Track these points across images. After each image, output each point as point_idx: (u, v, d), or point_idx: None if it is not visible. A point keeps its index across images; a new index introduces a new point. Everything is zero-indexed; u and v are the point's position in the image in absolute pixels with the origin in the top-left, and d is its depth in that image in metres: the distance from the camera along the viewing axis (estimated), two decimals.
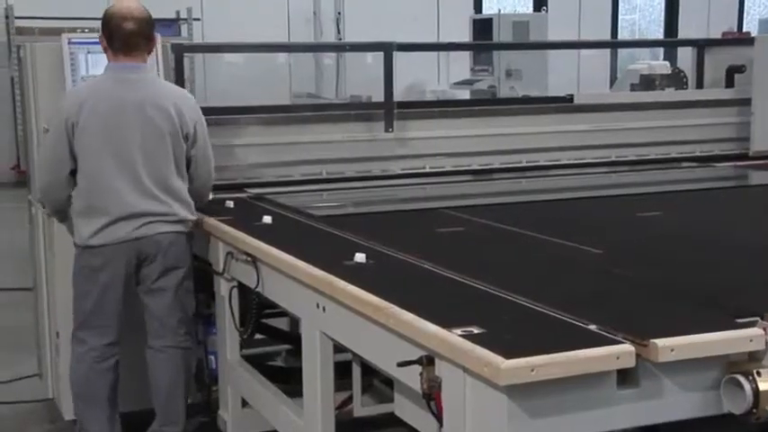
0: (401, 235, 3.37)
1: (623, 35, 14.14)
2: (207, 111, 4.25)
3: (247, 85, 8.73)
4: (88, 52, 3.85)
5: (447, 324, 2.12)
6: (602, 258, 2.93)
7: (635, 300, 2.40)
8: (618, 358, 1.95)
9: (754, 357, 2.04)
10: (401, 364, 2.18)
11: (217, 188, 4.37)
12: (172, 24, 8.97)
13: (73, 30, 4.52)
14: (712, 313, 2.22)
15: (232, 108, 4.79)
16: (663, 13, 14.52)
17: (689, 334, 2.02)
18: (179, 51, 4.43)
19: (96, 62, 3.80)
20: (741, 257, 2.95)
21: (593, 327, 2.11)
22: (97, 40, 3.60)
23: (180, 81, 4.39)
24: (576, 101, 5.27)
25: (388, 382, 2.92)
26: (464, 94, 9.68)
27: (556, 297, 2.36)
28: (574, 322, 2.16)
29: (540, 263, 2.94)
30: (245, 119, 4.65)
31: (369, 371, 3.58)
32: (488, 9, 12.33)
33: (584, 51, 11.67)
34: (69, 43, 3.84)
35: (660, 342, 1.97)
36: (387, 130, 4.73)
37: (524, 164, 5.01)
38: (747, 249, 3.05)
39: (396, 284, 2.56)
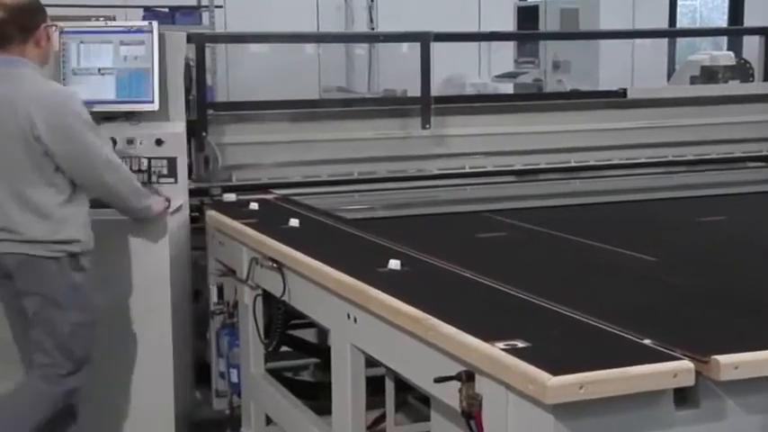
0: (438, 240, 3.38)
1: (683, 23, 14.01)
2: (229, 106, 4.31)
3: (273, 77, 8.75)
4: (81, 42, 3.82)
5: (488, 337, 2.12)
6: (657, 266, 2.92)
7: (694, 312, 2.38)
8: (675, 376, 1.93)
9: None
10: (438, 380, 2.18)
11: (240, 189, 4.47)
12: (192, 12, 9.03)
13: (86, 18, 4.57)
14: None
15: (256, 103, 4.83)
16: None
17: (754, 350, 2.00)
18: (200, 41, 4.48)
19: (90, 53, 3.77)
20: None
21: (647, 341, 2.10)
22: (93, 29, 3.54)
23: (201, 73, 4.46)
24: (630, 95, 5.24)
25: (424, 399, 2.94)
26: (507, 88, 9.64)
27: (607, 308, 2.35)
28: (626, 336, 2.15)
29: (590, 271, 2.93)
30: (270, 114, 4.69)
31: (403, 387, 3.59)
32: None
33: (638, 41, 11.58)
34: (62, 33, 3.76)
35: (722, 359, 1.95)
36: (423, 127, 4.74)
37: (573, 164, 5.00)
38: None
39: (433, 294, 2.56)
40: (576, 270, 2.96)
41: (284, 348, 3.82)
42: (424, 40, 4.69)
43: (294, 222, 3.59)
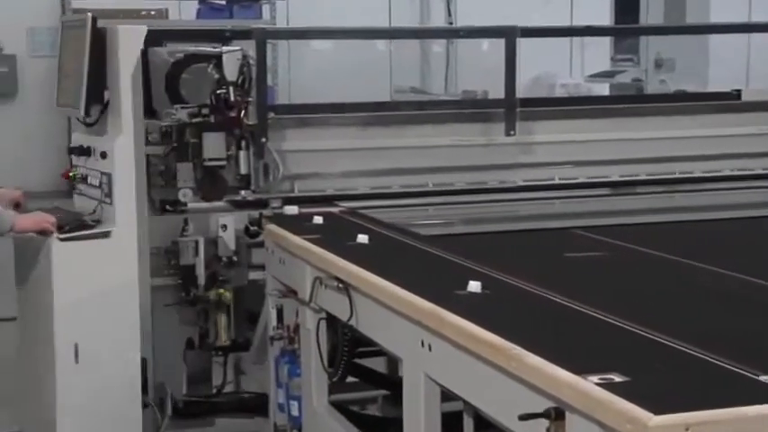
0: (523, 260, 3.38)
1: None
2: (291, 108, 4.35)
3: (339, 78, 8.79)
4: None
5: (581, 369, 2.11)
6: None
7: None
8: None
9: None
10: (524, 417, 2.17)
11: (302, 201, 4.53)
12: (252, 5, 9.12)
13: (138, 12, 4.69)
14: None
15: (321, 105, 4.88)
16: None
17: None
18: (260, 37, 4.55)
19: None
20: None
21: (764, 377, 2.07)
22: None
23: (262, 72, 4.52)
24: (745, 97, 5.17)
25: None
26: (602, 89, 9.56)
27: (715, 338, 2.33)
28: (739, 371, 2.12)
29: (697, 297, 2.89)
30: (335, 119, 4.73)
31: (483, 424, 3.56)
32: None
33: (755, 36, 11.34)
34: None
35: None
36: (507, 133, 4.74)
37: (677, 175, 4.95)
38: None
39: (518, 320, 2.56)
40: (679, 294, 2.92)
41: (350, 379, 3.79)
42: (509, 35, 4.69)
43: (362, 238, 3.61)
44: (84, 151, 4.52)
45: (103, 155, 4.34)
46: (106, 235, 4.11)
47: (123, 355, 4.11)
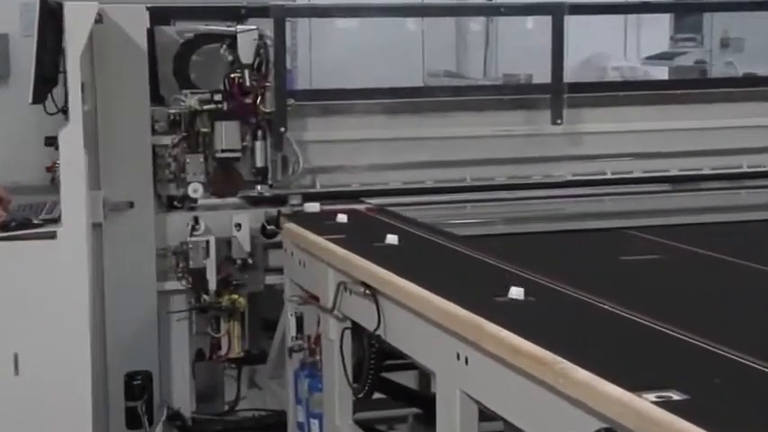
0: (572, 264, 3.37)
1: None
2: (312, 94, 4.35)
3: (366, 60, 8.75)
4: None
5: (636, 386, 2.09)
6: None
7: None
8: None
9: None
10: None
11: (325, 197, 4.54)
12: None
13: None
14: None
15: (345, 91, 4.88)
16: None
17: None
18: (279, 15, 4.56)
19: None
20: None
21: None
22: None
23: (280, 54, 4.54)
24: None
25: None
26: (661, 73, 9.48)
27: None
28: None
29: (765, 305, 2.87)
30: (362, 106, 4.73)
31: None
32: None
33: None
34: None
35: None
36: (554, 122, 4.73)
37: (744, 169, 4.93)
38: None
39: (565, 331, 2.55)
40: (745, 303, 2.89)
41: (377, 395, 3.76)
42: (557, 12, 4.67)
43: (392, 239, 3.59)
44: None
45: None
46: (51, 236, 4.06)
47: (70, 370, 4.01)
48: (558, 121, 4.73)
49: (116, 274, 4.56)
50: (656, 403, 2.02)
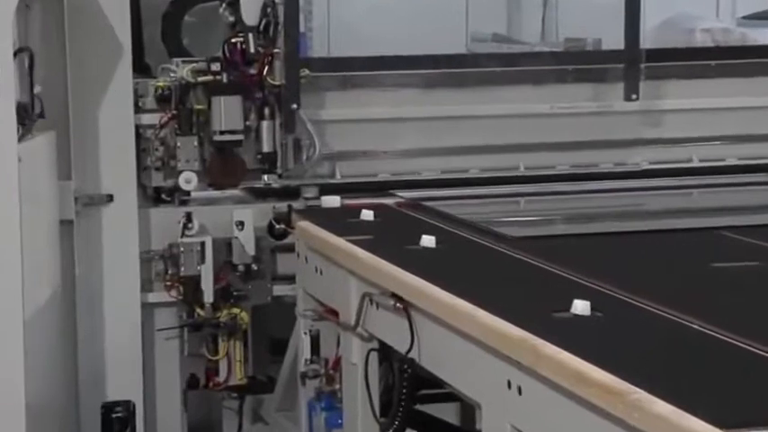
0: (650, 272, 3.33)
1: None
2: (331, 63, 4.30)
3: (397, 22, 8.74)
4: None
5: (727, 423, 2.04)
6: None
7: None
8: None
9: None
10: None
11: (347, 190, 4.52)
12: None
13: None
14: None
15: (371, 59, 4.89)
16: None
17: None
18: None
19: None
20: None
21: None
22: None
23: (292, 13, 4.53)
24: None
25: None
26: (762, 36, 9.40)
27: None
28: None
29: None
30: (392, 77, 4.74)
31: None
32: None
33: None
34: None
35: None
36: (627, 98, 4.73)
37: None
38: None
39: (641, 354, 2.51)
40: None
41: (410, 430, 3.69)
42: None
43: (428, 241, 3.57)
44: None
45: None
46: None
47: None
48: (634, 97, 4.71)
49: (90, 283, 4.55)
50: None
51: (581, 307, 2.74)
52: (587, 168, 4.76)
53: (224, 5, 4.66)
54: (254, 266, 4.62)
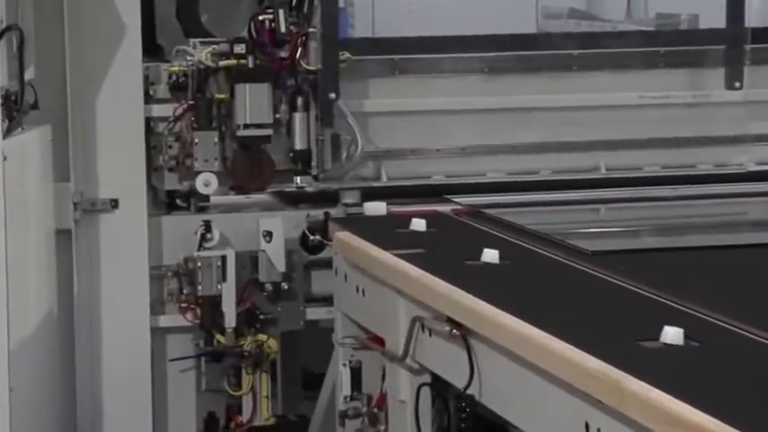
0: (756, 294, 3.30)
1: None
2: (376, 45, 4.28)
3: None
4: None
5: None
6: None
7: None
8: None
9: None
10: None
11: (395, 195, 4.51)
12: None
13: None
14: None
15: (423, 40, 4.89)
16: None
17: None
18: None
19: None
20: None
21: None
22: None
23: None
24: None
25: None
26: None
27: None
28: None
29: None
30: (448, 62, 4.76)
31: None
32: None
33: None
34: None
35: None
36: (730, 86, 4.73)
37: None
38: None
39: (744, 391, 2.48)
40: None
41: None
42: None
43: (491, 256, 3.56)
44: None
45: None
46: None
47: None
48: (737, 85, 4.71)
49: (91, 304, 4.57)
50: None
51: (673, 335, 2.72)
52: (681, 170, 4.76)
53: None
54: (285, 285, 4.64)
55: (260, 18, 4.62)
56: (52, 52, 4.43)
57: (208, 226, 4.59)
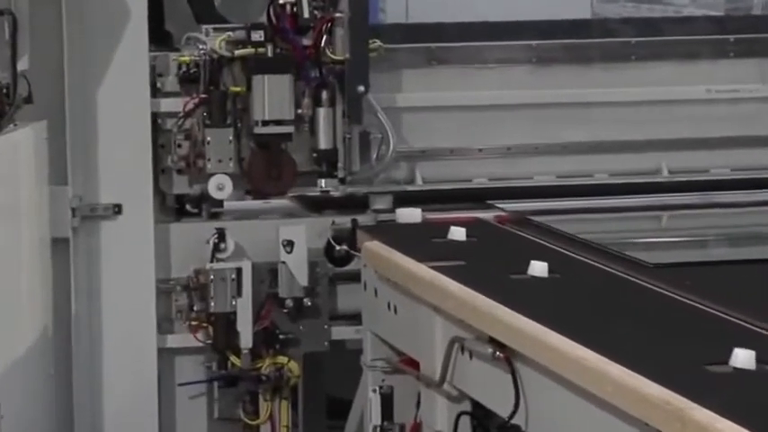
0: None
1: None
2: (410, 31, 4.29)
3: None
4: None
5: None
6: None
7: None
8: None
9: None
10: None
11: (431, 200, 4.54)
12: None
13: None
14: None
15: (463, 27, 4.91)
16: None
17: None
18: None
19: None
20: None
21: None
22: None
23: None
24: None
25: None
26: None
27: None
28: None
29: None
30: (492, 50, 4.78)
31: None
32: None
33: None
34: None
35: None
36: None
37: None
38: None
39: None
40: None
41: None
42: None
43: (539, 269, 3.56)
44: None
45: None
46: None
47: None
48: None
49: (92, 322, 4.58)
50: None
51: (743, 358, 2.71)
52: (753, 173, 4.76)
53: None
54: (307, 301, 4.65)
55: (280, 2, 4.63)
56: (48, 40, 4.44)
57: (221, 234, 4.60)
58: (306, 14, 4.60)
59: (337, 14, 4.63)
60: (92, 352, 4.57)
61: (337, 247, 4.58)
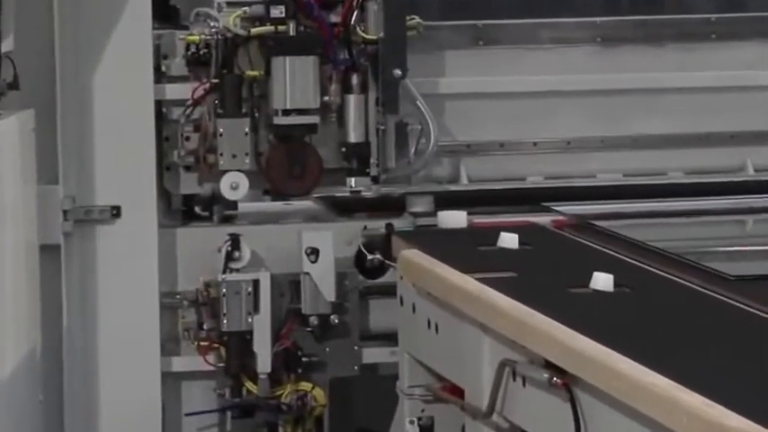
0: None
1: None
2: (453, 7, 4.29)
3: None
4: None
5: None
6: None
7: None
8: None
9: None
10: None
11: (478, 202, 4.55)
12: None
13: None
14: None
15: (510, 1, 4.93)
16: None
17: None
18: None
19: None
20: None
21: None
22: None
23: None
24: None
25: None
26: None
27: None
28: None
29: None
30: (547, 29, 4.81)
31: None
32: None
33: None
34: None
35: None
36: None
37: None
38: None
39: None
40: None
41: None
42: None
43: (603, 282, 3.56)
44: None
45: None
46: None
47: None
48: None
49: (87, 341, 4.61)
50: None
51: None
52: None
53: None
54: (334, 319, 4.66)
55: None
56: (37, 18, 4.47)
57: (235, 241, 4.62)
58: None
59: None
60: (86, 376, 4.60)
61: (369, 256, 4.57)
